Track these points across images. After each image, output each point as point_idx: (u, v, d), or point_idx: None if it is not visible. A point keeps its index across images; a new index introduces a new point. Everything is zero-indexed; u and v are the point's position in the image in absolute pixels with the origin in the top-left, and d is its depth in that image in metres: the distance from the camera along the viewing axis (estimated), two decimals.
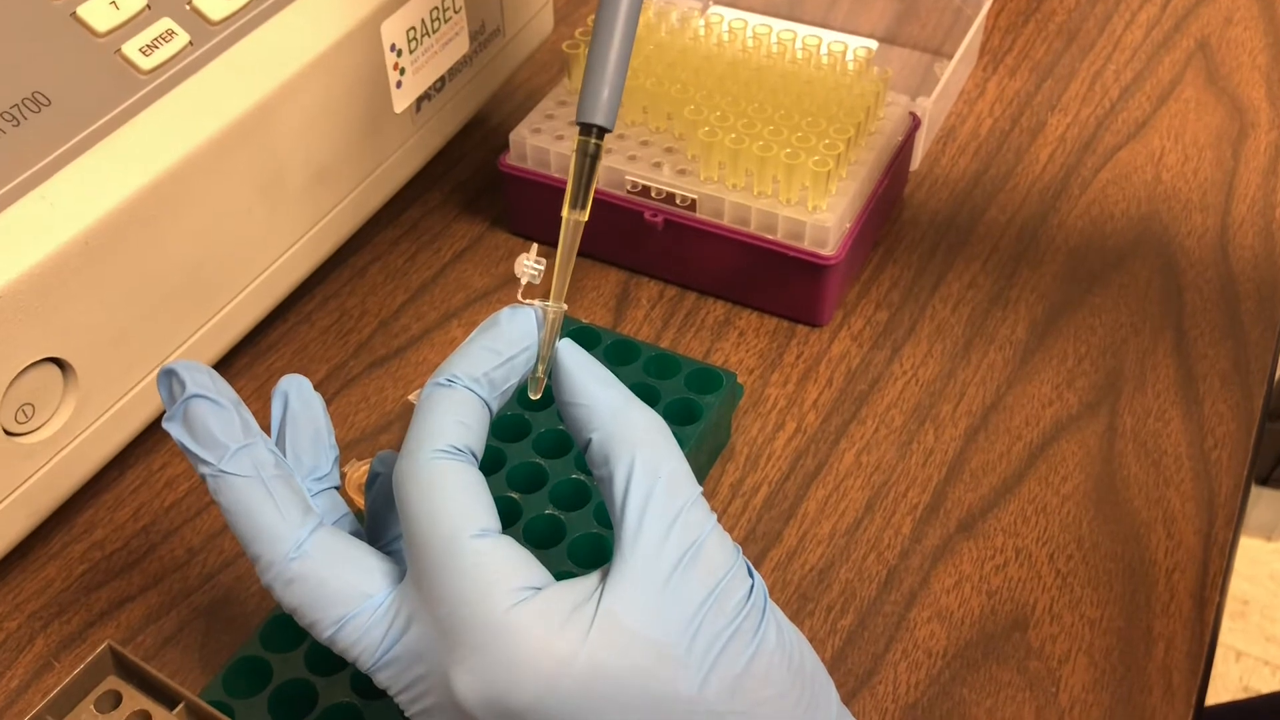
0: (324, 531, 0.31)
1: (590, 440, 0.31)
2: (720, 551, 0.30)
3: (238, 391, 0.33)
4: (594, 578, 0.29)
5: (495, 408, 0.32)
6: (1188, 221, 0.57)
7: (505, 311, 0.32)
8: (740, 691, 0.29)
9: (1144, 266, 0.55)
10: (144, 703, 0.35)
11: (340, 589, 0.30)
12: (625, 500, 0.30)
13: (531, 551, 0.31)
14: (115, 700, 0.35)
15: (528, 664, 0.28)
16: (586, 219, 0.34)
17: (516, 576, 0.29)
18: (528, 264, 0.33)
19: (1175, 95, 0.65)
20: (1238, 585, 1.41)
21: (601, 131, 0.34)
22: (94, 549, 0.45)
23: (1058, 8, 0.71)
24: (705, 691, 0.28)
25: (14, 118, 0.39)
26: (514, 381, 0.32)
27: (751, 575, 0.30)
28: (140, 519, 0.46)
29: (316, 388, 0.51)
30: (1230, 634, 1.38)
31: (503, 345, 0.31)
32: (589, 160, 0.34)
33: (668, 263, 0.54)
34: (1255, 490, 1.40)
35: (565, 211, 0.33)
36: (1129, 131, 0.62)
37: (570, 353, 0.32)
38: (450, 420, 0.30)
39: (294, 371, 0.50)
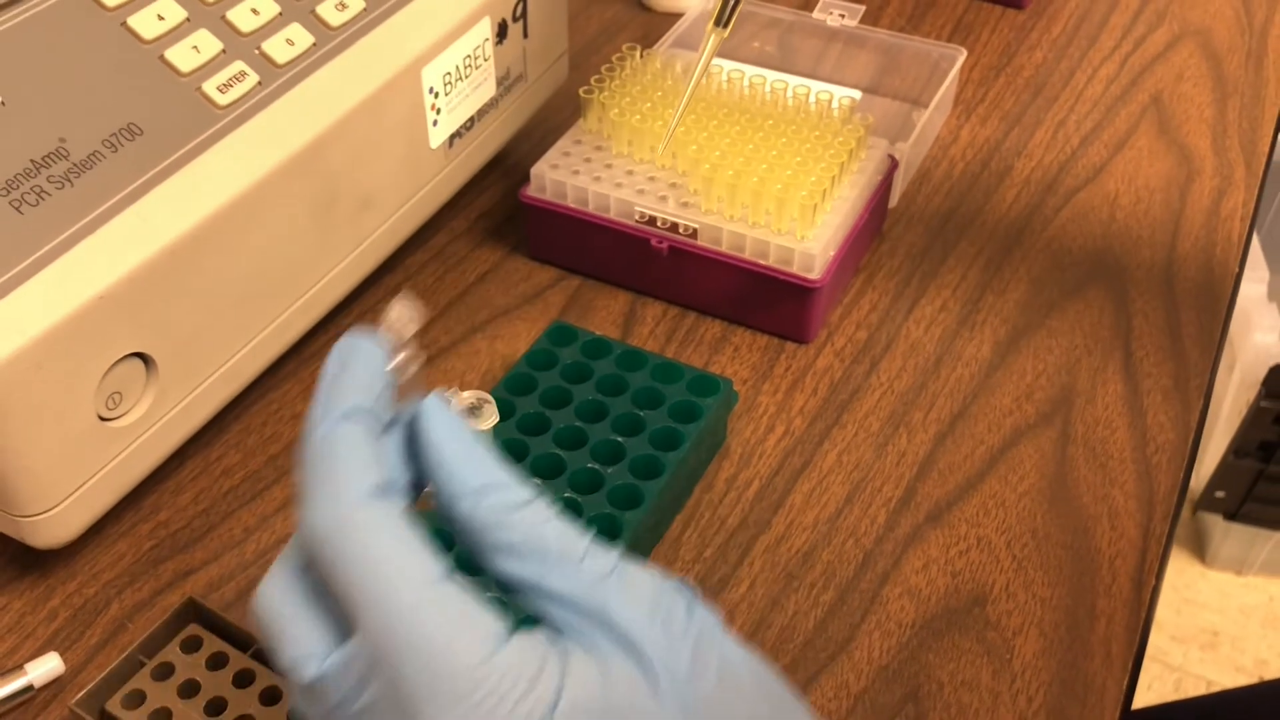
0: (287, 579, 0.29)
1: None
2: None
3: (283, 394, 0.36)
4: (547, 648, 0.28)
5: (383, 424, 0.30)
6: (1138, 256, 0.64)
7: (334, 350, 0.30)
8: None
9: (1098, 295, 0.61)
10: (221, 645, 0.40)
11: (298, 636, 0.28)
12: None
13: None
14: (196, 644, 0.40)
15: None
16: (727, 36, 0.39)
17: (472, 632, 0.27)
18: (401, 311, 0.31)
19: (1130, 144, 0.71)
20: (1208, 617, 1.47)
21: None
22: (160, 528, 0.50)
23: (1026, 63, 0.78)
24: None
25: (113, 145, 0.45)
26: (384, 390, 0.30)
27: (686, 595, 0.30)
28: (200, 503, 0.51)
29: None
30: (1201, 664, 1.43)
31: (360, 374, 0.30)
32: None
33: (671, 285, 0.60)
34: (1224, 525, 1.46)
35: (709, 26, 0.39)
36: (1087, 175, 0.69)
37: (436, 417, 0.30)
38: (357, 462, 0.28)
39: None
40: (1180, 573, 1.51)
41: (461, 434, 0.30)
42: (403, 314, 0.31)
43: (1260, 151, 0.71)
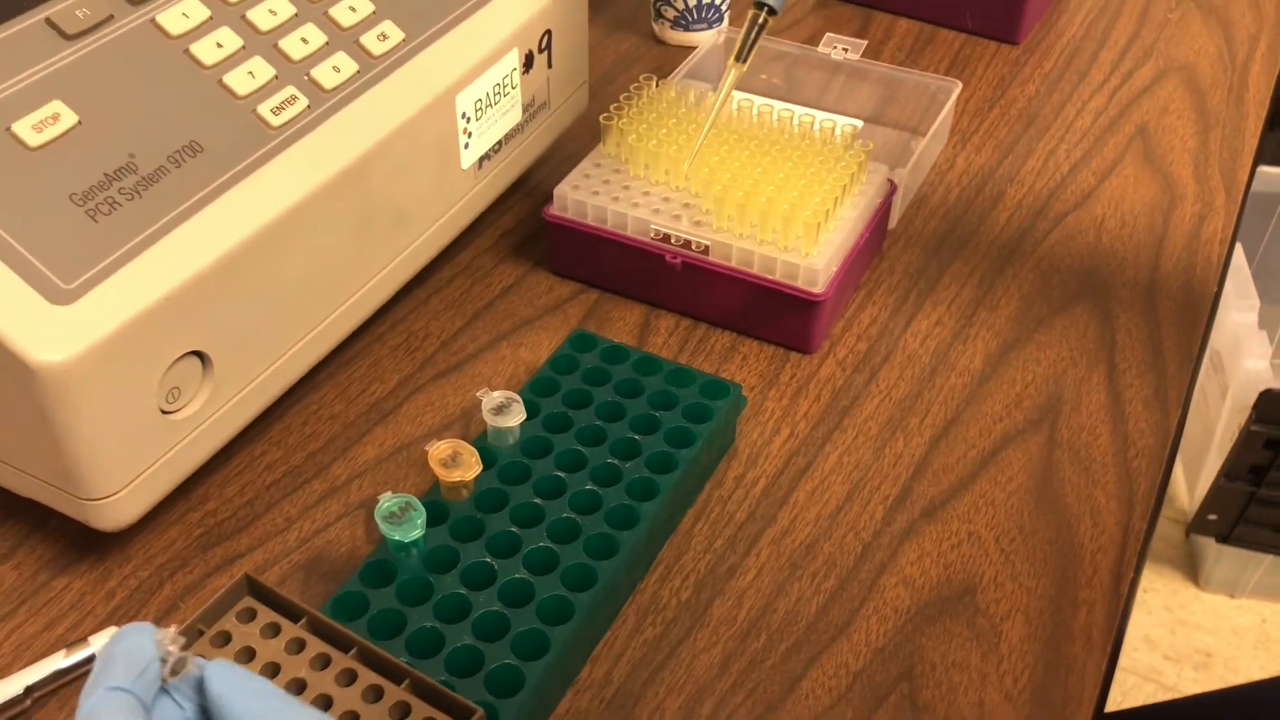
0: None
1: None
2: None
3: (321, 396, 0.39)
4: None
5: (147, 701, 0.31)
6: (1122, 276, 0.68)
7: (110, 639, 0.32)
8: None
9: (1084, 312, 0.65)
10: (274, 617, 0.44)
11: None
12: None
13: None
14: (251, 615, 0.44)
15: None
16: (745, 70, 0.43)
17: None
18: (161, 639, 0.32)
19: (1117, 172, 0.76)
20: (1202, 638, 1.50)
21: (771, 10, 0.44)
22: (208, 517, 0.54)
23: (1019, 95, 0.83)
24: None
25: (176, 161, 0.49)
26: (149, 674, 0.31)
27: None
28: (245, 494, 0.55)
29: (388, 395, 0.61)
30: (1195, 684, 1.46)
31: (128, 659, 0.31)
32: (757, 29, 0.44)
33: (683, 298, 0.64)
34: (1217, 548, 1.49)
35: (730, 61, 0.43)
36: (1076, 201, 0.73)
37: (220, 676, 0.31)
38: None
39: (370, 379, 0.60)
40: (1174, 594, 1.54)
41: (246, 685, 0.31)
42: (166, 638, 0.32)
43: (1240, 180, 0.75)
